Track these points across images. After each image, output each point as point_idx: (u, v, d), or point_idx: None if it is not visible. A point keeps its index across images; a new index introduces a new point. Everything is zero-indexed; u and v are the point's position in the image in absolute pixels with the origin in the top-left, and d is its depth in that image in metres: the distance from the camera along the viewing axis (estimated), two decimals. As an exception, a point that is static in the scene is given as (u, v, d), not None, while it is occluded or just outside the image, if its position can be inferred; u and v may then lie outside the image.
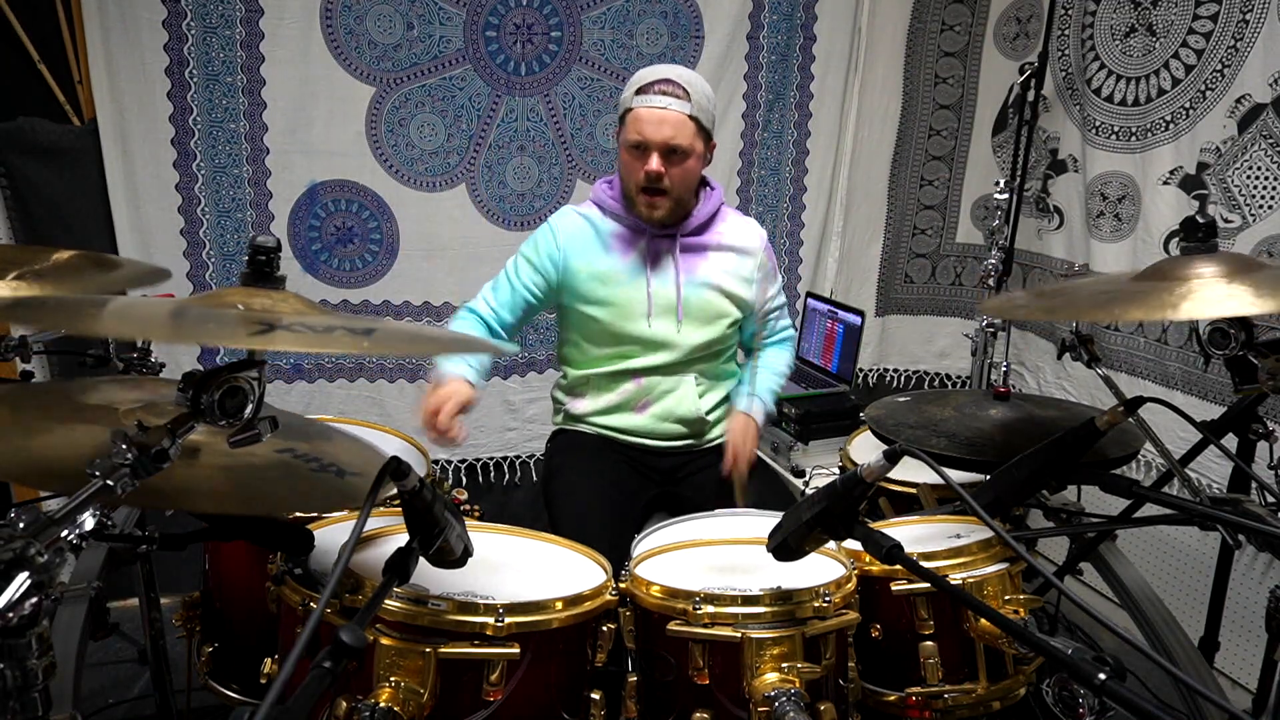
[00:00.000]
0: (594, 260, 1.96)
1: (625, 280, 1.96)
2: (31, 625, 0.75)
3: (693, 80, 1.84)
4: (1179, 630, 1.56)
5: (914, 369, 3.41)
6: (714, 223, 2.02)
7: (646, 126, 1.81)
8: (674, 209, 1.92)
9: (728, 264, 2.01)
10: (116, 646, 2.33)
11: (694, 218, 1.98)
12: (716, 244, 2.01)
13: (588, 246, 1.97)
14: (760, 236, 2.07)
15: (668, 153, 1.82)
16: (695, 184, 1.94)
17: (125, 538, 1.25)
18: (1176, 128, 2.42)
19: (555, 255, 1.98)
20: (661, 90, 1.81)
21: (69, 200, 2.45)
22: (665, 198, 1.88)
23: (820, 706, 1.17)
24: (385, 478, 0.98)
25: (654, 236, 1.97)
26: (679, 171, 1.85)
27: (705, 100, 1.85)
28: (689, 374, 2.03)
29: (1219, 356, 1.32)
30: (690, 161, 1.86)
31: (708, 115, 1.86)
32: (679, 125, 1.80)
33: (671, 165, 1.84)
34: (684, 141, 1.82)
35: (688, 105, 1.81)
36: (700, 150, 1.87)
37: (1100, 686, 0.84)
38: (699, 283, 1.98)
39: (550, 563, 1.36)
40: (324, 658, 0.84)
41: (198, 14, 2.44)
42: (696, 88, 1.83)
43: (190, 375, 0.87)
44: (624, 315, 1.96)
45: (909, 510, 1.70)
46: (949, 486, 1.02)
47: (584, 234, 1.98)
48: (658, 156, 1.82)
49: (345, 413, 2.73)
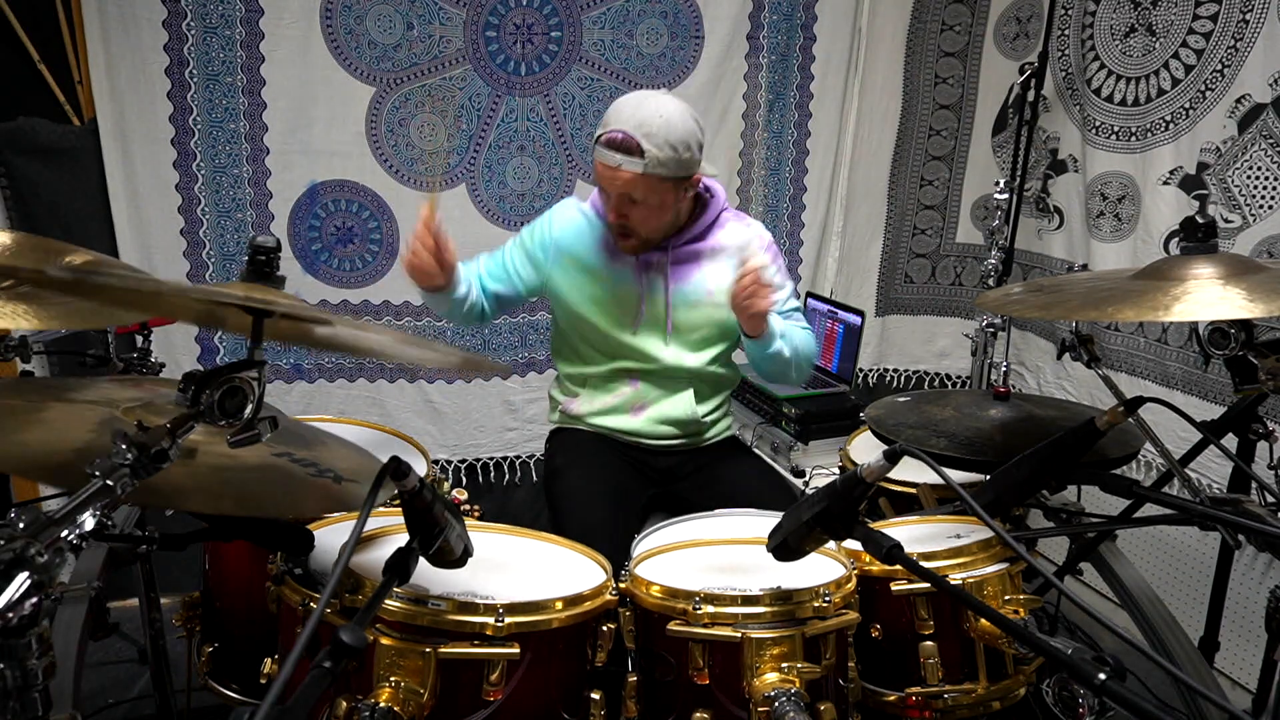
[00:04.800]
0: (587, 254, 1.96)
1: (615, 282, 1.95)
2: (31, 625, 0.75)
3: (655, 130, 1.71)
4: (1179, 630, 1.55)
5: (914, 369, 3.41)
6: (712, 230, 1.98)
7: (602, 176, 1.79)
8: (646, 244, 1.90)
9: (723, 270, 1.95)
10: (116, 646, 2.33)
11: (686, 232, 1.95)
12: (712, 250, 1.97)
13: (582, 239, 1.97)
14: (761, 239, 2.00)
15: (626, 201, 1.80)
16: (666, 222, 1.88)
17: (125, 538, 1.25)
18: (1176, 128, 2.42)
19: (547, 242, 1.98)
20: (612, 142, 1.73)
21: (69, 200, 2.45)
22: (632, 239, 1.88)
23: (820, 706, 1.17)
24: (385, 478, 0.98)
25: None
26: (640, 216, 1.83)
27: (667, 152, 1.72)
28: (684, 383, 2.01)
29: (1219, 356, 1.32)
30: (650, 210, 1.82)
31: (670, 167, 1.74)
32: (631, 183, 1.75)
33: (632, 211, 1.82)
34: (639, 196, 1.77)
35: (639, 164, 1.71)
36: (666, 199, 1.81)
37: (1100, 686, 0.84)
38: (690, 296, 1.94)
39: (550, 563, 1.36)
40: (324, 658, 0.84)
41: (198, 14, 2.44)
42: (656, 140, 1.70)
43: (190, 375, 0.87)
44: (613, 320, 1.95)
45: (909, 510, 1.70)
46: (949, 486, 1.02)
47: (581, 227, 1.98)
48: (615, 202, 1.81)
49: (345, 413, 2.73)
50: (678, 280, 1.95)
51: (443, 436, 2.91)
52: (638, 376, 2.00)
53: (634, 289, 1.95)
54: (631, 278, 1.95)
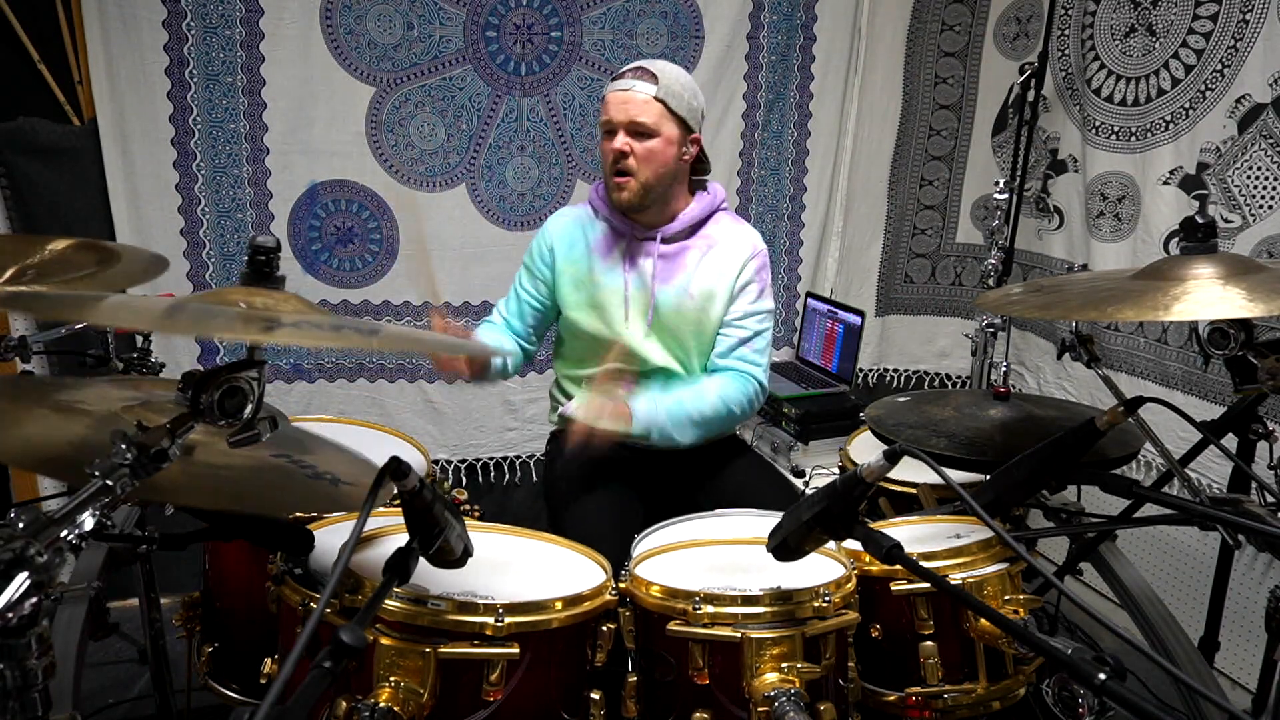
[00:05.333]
0: (577, 261, 1.99)
1: (605, 282, 1.96)
2: (31, 625, 0.75)
3: (666, 69, 1.86)
4: (1179, 630, 1.55)
5: (914, 369, 3.41)
6: (704, 225, 1.99)
7: (612, 108, 1.86)
8: (642, 193, 1.88)
9: (708, 269, 1.95)
10: (116, 646, 2.33)
11: (679, 220, 1.95)
12: (701, 246, 1.97)
13: (574, 247, 2.00)
14: (752, 246, 1.97)
15: (633, 132, 1.84)
16: (668, 172, 1.89)
17: (125, 538, 1.25)
18: (1176, 128, 2.42)
19: (547, 257, 2.02)
20: (629, 75, 1.86)
21: (69, 200, 2.45)
22: (631, 179, 1.86)
23: (820, 706, 1.17)
24: (385, 478, 0.98)
25: (635, 239, 1.96)
26: (644, 150, 1.84)
27: (679, 87, 1.86)
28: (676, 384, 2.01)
29: (1219, 356, 1.32)
30: (656, 142, 1.85)
31: (680, 101, 1.86)
32: (643, 105, 1.83)
33: (637, 143, 1.84)
34: (648, 120, 1.83)
35: (653, 88, 1.83)
36: (672, 135, 1.86)
37: (1100, 686, 0.84)
38: (673, 298, 1.95)
39: (550, 563, 1.36)
40: (324, 658, 0.84)
41: (198, 14, 2.44)
42: (669, 75, 1.85)
43: (190, 375, 0.87)
44: (604, 318, 1.97)
45: (909, 510, 1.70)
46: (949, 486, 1.02)
47: (571, 235, 2.01)
48: (623, 134, 1.85)
49: (345, 413, 2.73)
50: (663, 277, 1.95)
51: (443, 436, 2.91)
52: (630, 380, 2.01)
53: (621, 284, 1.96)
54: (620, 274, 1.96)
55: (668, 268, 1.96)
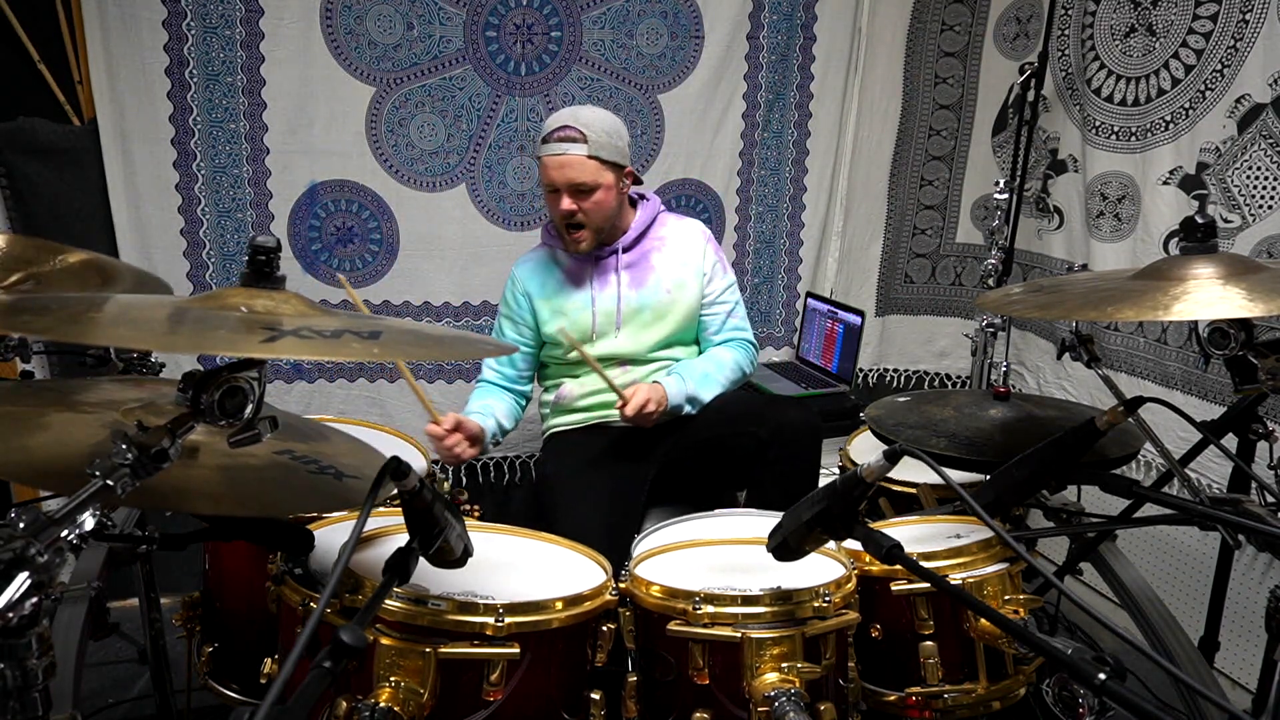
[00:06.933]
0: (552, 295, 2.12)
1: (577, 307, 2.10)
2: (31, 625, 0.75)
3: (591, 121, 1.95)
4: (1179, 630, 1.55)
5: (914, 369, 3.41)
6: (653, 229, 2.16)
7: (551, 172, 1.96)
8: (596, 238, 2.06)
9: (673, 263, 2.13)
10: (116, 646, 2.33)
11: (632, 230, 2.12)
12: (658, 248, 2.14)
13: (545, 285, 2.13)
14: (701, 232, 2.19)
15: (575, 191, 1.96)
16: (613, 212, 2.04)
17: (125, 538, 1.25)
18: (1176, 128, 2.42)
19: (523, 302, 2.14)
20: (559, 138, 1.94)
21: (69, 200, 2.45)
22: (584, 230, 2.02)
23: (820, 706, 1.17)
24: (385, 478, 0.98)
25: (599, 259, 2.11)
26: (590, 205, 1.98)
27: (605, 137, 1.96)
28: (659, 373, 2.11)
29: (1219, 356, 1.32)
30: (600, 194, 1.98)
31: (610, 150, 1.96)
32: (579, 166, 1.94)
33: (582, 201, 1.97)
34: (587, 179, 1.95)
35: (584, 147, 1.93)
36: (609, 181, 1.99)
37: (1100, 686, 0.84)
38: (646, 289, 2.11)
39: (550, 563, 1.36)
40: (324, 658, 0.84)
41: (198, 14, 2.44)
42: (595, 127, 1.95)
43: (190, 375, 0.87)
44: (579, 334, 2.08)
45: (909, 510, 1.70)
46: (949, 486, 1.02)
47: (541, 275, 2.15)
48: (566, 197, 1.97)
49: (345, 413, 2.73)
50: (637, 283, 2.11)
51: (443, 436, 2.91)
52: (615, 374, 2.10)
53: (588, 298, 2.10)
54: (586, 290, 2.11)
55: (638, 274, 2.12)
